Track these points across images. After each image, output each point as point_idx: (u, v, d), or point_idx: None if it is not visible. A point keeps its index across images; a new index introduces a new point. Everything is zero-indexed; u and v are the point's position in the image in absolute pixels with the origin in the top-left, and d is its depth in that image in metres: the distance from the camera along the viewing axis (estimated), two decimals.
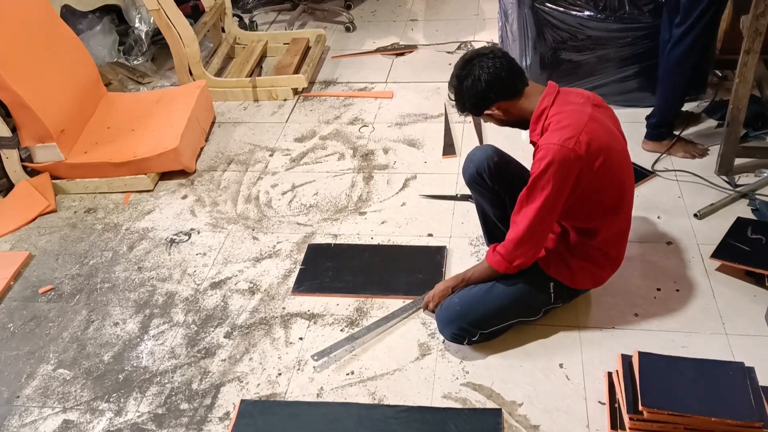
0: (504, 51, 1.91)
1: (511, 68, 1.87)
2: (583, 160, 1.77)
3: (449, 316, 2.03)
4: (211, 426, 1.94)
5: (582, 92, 1.93)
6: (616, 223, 1.94)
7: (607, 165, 1.82)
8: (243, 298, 2.35)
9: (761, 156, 2.63)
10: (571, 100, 1.87)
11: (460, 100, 1.92)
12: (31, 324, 2.35)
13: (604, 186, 1.86)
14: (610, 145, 1.83)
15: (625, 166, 1.92)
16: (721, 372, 1.76)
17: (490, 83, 1.85)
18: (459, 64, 1.91)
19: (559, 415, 1.85)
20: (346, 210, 2.71)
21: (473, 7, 4.27)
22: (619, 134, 1.94)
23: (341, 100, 3.46)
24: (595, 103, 1.89)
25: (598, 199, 1.89)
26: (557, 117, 1.82)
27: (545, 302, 2.04)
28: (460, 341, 2.04)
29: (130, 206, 2.88)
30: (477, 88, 1.86)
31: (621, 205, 1.93)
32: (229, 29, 3.98)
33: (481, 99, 1.88)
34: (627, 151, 1.95)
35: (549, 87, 1.90)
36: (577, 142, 1.75)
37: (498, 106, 1.89)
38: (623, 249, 2.04)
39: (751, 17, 2.28)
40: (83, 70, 3.21)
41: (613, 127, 1.91)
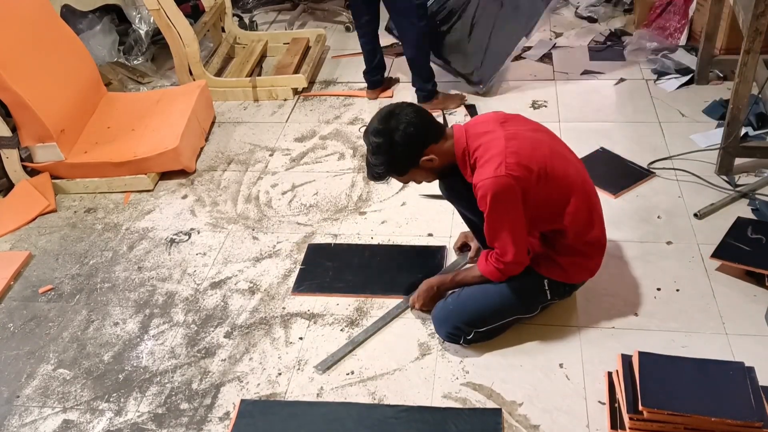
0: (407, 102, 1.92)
1: (427, 112, 1.91)
2: (520, 179, 1.80)
3: (443, 315, 2.04)
4: (211, 426, 1.94)
5: (485, 119, 1.96)
6: (579, 213, 1.93)
7: (544, 171, 1.84)
8: (243, 298, 2.35)
9: (761, 156, 2.63)
10: (481, 130, 1.90)
11: (392, 154, 1.87)
12: (31, 324, 2.35)
13: (550, 189, 1.88)
14: (536, 153, 1.85)
15: (562, 161, 1.91)
16: (721, 372, 1.76)
17: (421, 126, 1.86)
18: (378, 120, 1.87)
19: (559, 415, 1.85)
20: (346, 210, 2.71)
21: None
22: (538, 132, 1.94)
23: (341, 100, 3.46)
24: (501, 121, 1.92)
25: (552, 202, 1.91)
26: (479, 152, 1.86)
27: (542, 299, 2.04)
28: (456, 341, 2.04)
29: (130, 206, 2.88)
30: (410, 133, 1.84)
31: (571, 195, 1.91)
32: (229, 29, 3.98)
33: (417, 145, 1.87)
34: (554, 143, 1.95)
35: (456, 129, 1.93)
36: (507, 166, 1.79)
37: (431, 150, 1.88)
38: (601, 229, 2.01)
39: (751, 17, 2.28)
40: (83, 70, 3.21)
41: (529, 129, 1.93)
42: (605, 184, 2.62)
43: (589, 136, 2.94)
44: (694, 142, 2.84)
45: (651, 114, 3.06)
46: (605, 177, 2.66)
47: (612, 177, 2.67)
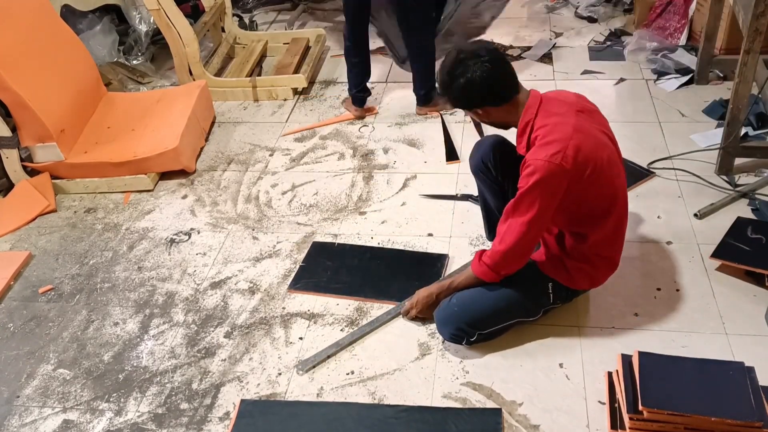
0: (500, 54, 1.88)
1: (505, 74, 1.86)
2: (571, 173, 1.77)
3: (447, 317, 2.03)
4: (211, 426, 1.94)
5: (565, 99, 1.92)
6: (607, 227, 1.93)
7: (596, 174, 1.82)
8: (243, 298, 2.35)
9: (761, 156, 2.63)
10: (555, 110, 1.86)
11: (448, 94, 1.91)
12: (31, 324, 2.35)
13: (593, 194, 1.86)
14: (596, 154, 1.82)
15: (615, 171, 1.90)
16: (721, 372, 1.76)
17: (481, 87, 1.83)
18: (452, 61, 1.86)
19: (559, 415, 1.85)
20: (346, 210, 2.71)
21: None
22: (607, 137, 1.92)
23: (341, 100, 3.45)
24: (578, 109, 1.88)
25: (588, 207, 1.89)
26: (542, 131, 1.82)
27: (544, 302, 2.04)
28: (459, 341, 2.04)
29: (130, 206, 2.88)
30: (467, 90, 1.84)
31: (612, 209, 1.91)
32: (229, 29, 3.98)
33: (469, 101, 1.88)
34: (616, 153, 1.94)
35: (532, 97, 1.89)
36: (564, 157, 1.76)
37: (484, 110, 1.89)
38: (618, 250, 2.03)
39: (751, 17, 2.28)
40: (83, 70, 3.21)
41: (599, 130, 1.89)
42: None
43: None
44: (694, 142, 2.84)
45: (651, 114, 3.06)
46: None
47: None
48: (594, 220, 1.91)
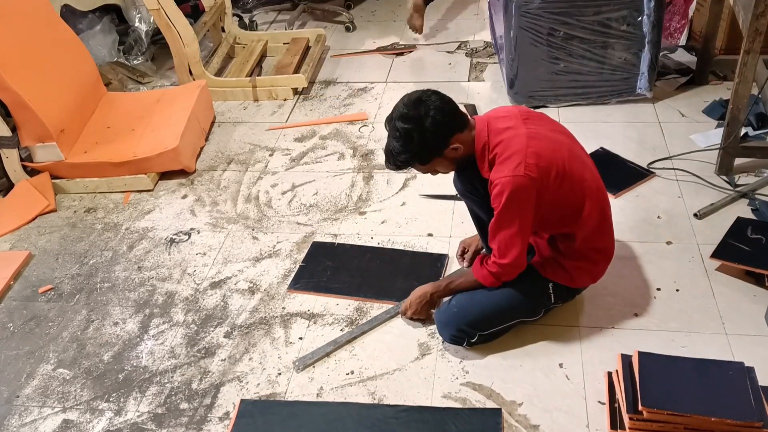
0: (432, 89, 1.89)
1: (452, 100, 1.88)
2: (537, 180, 1.79)
3: (447, 318, 2.03)
4: (210, 426, 1.94)
5: (508, 113, 1.94)
6: (590, 219, 1.93)
7: (561, 174, 1.83)
8: (243, 298, 2.35)
9: (761, 156, 2.63)
10: (503, 126, 1.87)
11: (420, 140, 1.82)
12: (30, 324, 2.35)
13: (565, 193, 1.87)
14: (556, 155, 1.84)
15: (579, 164, 1.91)
16: (721, 372, 1.76)
17: (449, 113, 1.83)
18: (407, 106, 1.83)
19: (559, 415, 1.85)
20: (346, 210, 2.71)
21: (473, 7, 4.27)
22: (560, 134, 1.94)
23: (341, 100, 3.46)
24: (524, 118, 1.90)
25: (564, 206, 1.90)
26: (499, 148, 1.84)
27: (545, 303, 2.04)
28: (460, 343, 2.04)
29: (130, 206, 2.88)
30: (441, 120, 1.81)
31: (587, 201, 1.91)
32: (229, 29, 3.98)
33: (445, 132, 1.83)
34: (575, 147, 1.94)
35: (478, 122, 1.90)
36: (527, 166, 1.78)
37: (457, 139, 1.85)
38: (610, 238, 2.02)
39: (751, 17, 2.28)
40: (83, 70, 3.21)
41: (551, 130, 1.91)
42: (606, 185, 2.61)
43: (588, 135, 2.94)
44: (694, 142, 2.84)
45: (651, 114, 3.06)
46: (606, 177, 2.65)
47: (612, 177, 2.67)
48: (575, 216, 1.92)
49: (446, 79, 3.50)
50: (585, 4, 2.87)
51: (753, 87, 2.50)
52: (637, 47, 2.96)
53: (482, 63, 3.64)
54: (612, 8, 2.87)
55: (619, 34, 2.93)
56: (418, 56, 3.80)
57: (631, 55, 2.98)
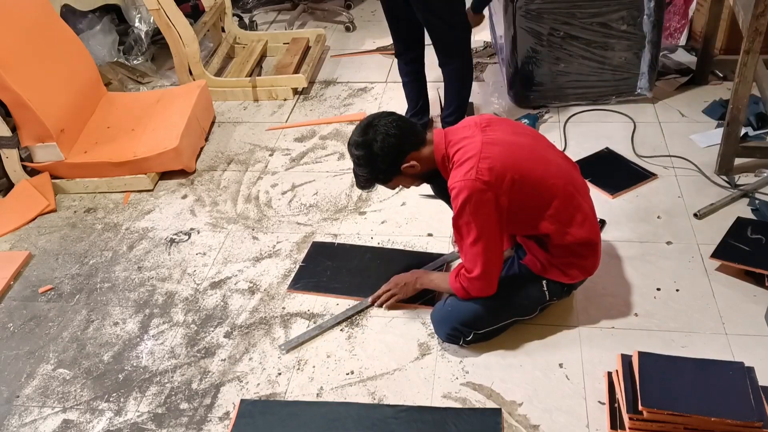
0: (389, 111, 1.96)
1: (406, 120, 1.94)
2: (491, 184, 1.81)
3: (441, 317, 2.05)
4: (210, 426, 1.94)
5: (466, 124, 1.97)
6: (559, 216, 1.92)
7: (520, 177, 1.85)
8: (243, 298, 2.35)
9: (761, 156, 2.63)
10: (461, 135, 1.92)
11: (373, 164, 1.91)
12: (30, 324, 2.35)
13: (527, 194, 1.88)
14: (513, 158, 1.86)
15: (541, 165, 1.91)
16: (721, 372, 1.76)
17: (399, 135, 1.89)
18: (358, 133, 1.91)
19: (559, 415, 1.85)
20: (346, 210, 2.71)
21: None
22: (521, 136, 1.95)
23: (341, 100, 3.46)
24: (483, 125, 1.92)
25: (529, 208, 1.91)
26: (456, 156, 1.88)
27: (540, 300, 2.05)
28: (456, 341, 2.05)
29: (129, 206, 2.88)
30: (389, 143, 1.88)
31: (552, 199, 1.91)
32: (229, 29, 3.98)
33: (397, 154, 1.90)
34: (536, 146, 1.95)
35: (436, 134, 1.95)
36: (479, 171, 1.80)
37: (411, 157, 1.91)
38: (589, 231, 1.98)
39: (751, 17, 2.28)
40: (83, 70, 3.21)
41: (511, 134, 1.93)
42: (605, 184, 2.63)
43: (589, 135, 2.94)
44: (694, 142, 2.85)
45: (651, 114, 3.06)
46: (607, 177, 2.67)
47: (614, 177, 2.67)
48: (540, 217, 1.93)
49: None
50: (585, 4, 2.87)
51: (753, 87, 2.50)
52: (637, 47, 2.96)
53: (482, 63, 3.63)
54: (612, 8, 2.87)
55: (619, 34, 2.93)
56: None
57: (631, 55, 2.98)
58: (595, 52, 2.98)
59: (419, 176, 1.99)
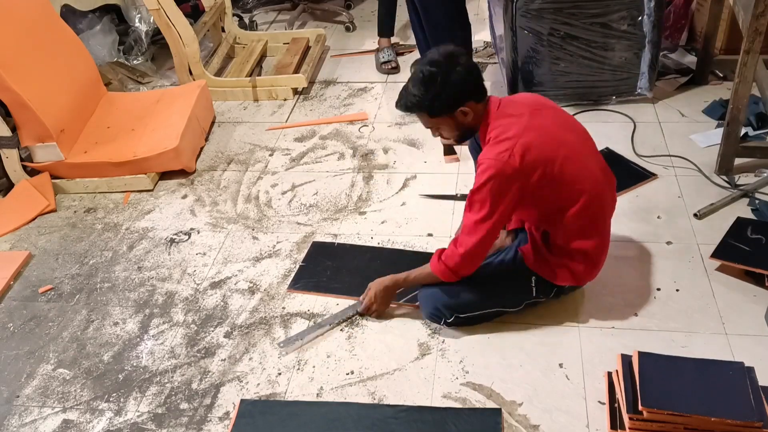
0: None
1: (480, 71, 1.91)
2: (519, 172, 1.80)
3: (426, 294, 2.08)
4: (210, 426, 1.94)
5: (523, 100, 1.95)
6: (579, 219, 1.92)
7: (552, 171, 1.83)
8: (243, 298, 2.35)
9: (761, 156, 2.63)
10: (510, 111, 1.89)
11: (439, 89, 1.84)
12: (30, 324, 2.35)
13: (555, 190, 1.87)
14: (550, 151, 1.84)
15: (575, 166, 1.88)
16: (721, 372, 1.76)
17: (474, 78, 1.86)
18: (439, 54, 1.86)
19: (559, 415, 1.85)
20: (346, 210, 2.71)
21: (473, 7, 4.26)
22: (568, 131, 1.92)
23: (341, 100, 3.46)
24: (535, 108, 1.90)
25: (553, 203, 1.91)
26: (495, 132, 1.86)
27: (526, 295, 2.05)
28: (437, 321, 2.08)
29: (129, 206, 2.88)
30: (465, 80, 1.84)
31: (578, 201, 1.90)
32: (229, 29, 3.98)
33: (464, 92, 1.86)
34: (581, 146, 1.93)
35: (491, 103, 1.92)
36: (511, 155, 1.79)
37: (470, 105, 1.88)
38: (598, 245, 1.99)
39: (751, 17, 2.28)
40: (83, 70, 3.21)
41: (559, 126, 1.90)
42: None
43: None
44: (694, 142, 2.85)
45: (651, 114, 3.06)
46: None
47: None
48: (557, 216, 1.92)
49: None
50: (585, 4, 2.87)
51: (753, 87, 2.50)
52: (637, 47, 2.96)
53: (482, 63, 3.63)
54: (612, 8, 2.87)
55: (619, 34, 2.93)
56: (418, 56, 3.80)
57: (631, 55, 2.98)
58: (595, 52, 2.98)
59: (462, 128, 1.93)
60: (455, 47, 1.90)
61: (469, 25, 2.78)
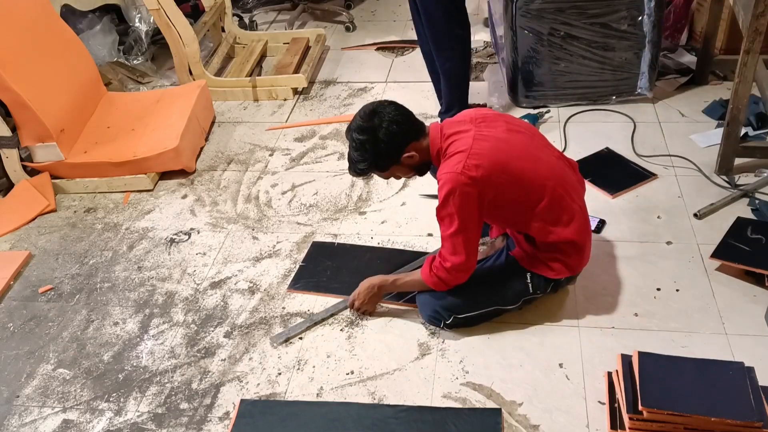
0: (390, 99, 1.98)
1: (408, 110, 1.96)
2: (477, 179, 1.84)
3: (424, 298, 2.09)
4: (210, 426, 1.94)
5: (464, 116, 1.99)
6: (546, 215, 1.95)
7: (507, 176, 1.88)
8: (243, 298, 2.35)
9: (761, 156, 2.63)
10: (455, 129, 1.93)
11: (375, 151, 1.91)
12: (30, 324, 2.35)
13: (514, 192, 1.91)
14: (501, 155, 1.88)
15: (530, 160, 1.92)
16: (721, 372, 1.76)
17: (403, 124, 1.91)
18: (362, 118, 1.93)
19: (559, 415, 1.85)
20: (346, 210, 2.71)
21: (473, 7, 4.25)
22: (515, 132, 1.96)
23: (341, 100, 3.46)
24: (478, 120, 1.95)
25: (515, 205, 1.94)
26: (449, 149, 1.91)
27: (523, 292, 2.07)
28: (437, 324, 2.09)
29: (129, 206, 2.88)
30: (393, 131, 1.89)
31: (541, 198, 1.93)
32: (229, 29, 3.98)
33: (399, 142, 1.91)
34: (527, 141, 1.96)
35: (432, 129, 1.96)
36: (466, 166, 1.83)
37: (412, 147, 1.93)
38: (574, 231, 1.99)
39: (751, 17, 2.28)
40: (83, 70, 3.21)
41: (506, 131, 1.94)
42: (605, 184, 2.63)
43: (589, 135, 2.94)
44: (694, 142, 2.85)
45: (651, 114, 3.06)
46: (607, 177, 2.67)
47: (614, 177, 2.67)
48: (527, 214, 1.96)
49: None
50: (585, 5, 2.87)
51: (753, 87, 2.50)
52: (637, 47, 2.96)
53: (482, 63, 3.63)
54: (612, 8, 2.87)
55: (619, 34, 2.93)
56: (418, 56, 3.78)
57: (631, 55, 2.98)
58: (595, 52, 2.98)
59: (415, 167, 2.00)
60: (376, 104, 1.95)
61: (468, 23, 2.78)
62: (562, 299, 2.18)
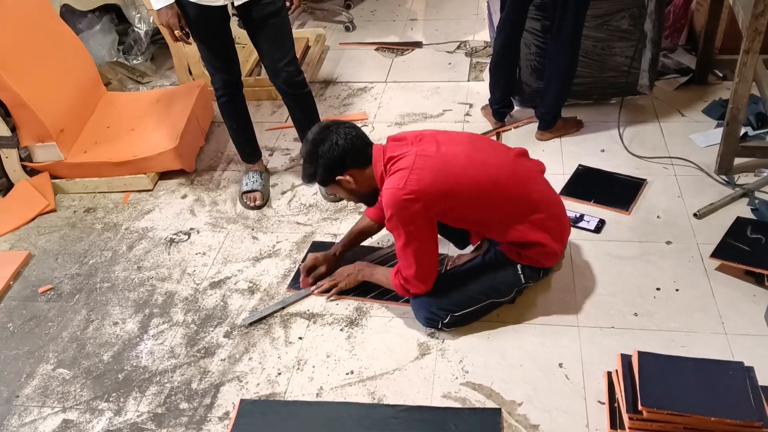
0: (354, 124, 2.01)
1: (364, 138, 1.99)
2: (421, 194, 1.86)
3: (419, 302, 2.10)
4: (210, 425, 1.94)
5: (404, 136, 2.01)
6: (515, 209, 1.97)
7: (451, 188, 1.90)
8: (243, 298, 2.35)
9: (761, 155, 2.63)
10: (398, 150, 1.96)
11: (313, 165, 1.97)
12: (30, 324, 2.35)
13: (463, 205, 1.94)
14: (443, 169, 1.90)
15: (475, 167, 1.93)
16: (720, 372, 1.76)
17: (346, 148, 1.94)
18: (315, 130, 1.98)
19: (559, 415, 1.85)
20: (345, 210, 2.71)
21: (473, 7, 4.27)
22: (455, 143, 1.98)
23: (341, 100, 3.46)
24: (418, 138, 1.98)
25: (470, 216, 1.99)
26: (391, 169, 1.94)
27: (515, 283, 2.09)
28: (434, 325, 2.10)
29: (129, 206, 2.88)
30: (333, 151, 1.93)
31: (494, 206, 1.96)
32: None
33: (336, 164, 1.95)
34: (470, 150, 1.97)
35: (375, 152, 1.99)
36: (407, 182, 1.87)
37: (351, 173, 1.97)
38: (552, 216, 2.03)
39: (750, 17, 2.28)
40: (83, 70, 3.21)
41: (446, 143, 1.96)
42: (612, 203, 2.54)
43: (588, 135, 2.94)
44: (694, 142, 2.84)
45: (651, 114, 3.06)
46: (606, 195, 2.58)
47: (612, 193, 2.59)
48: (485, 219, 2.00)
49: (446, 79, 3.50)
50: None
51: (753, 87, 2.50)
52: (637, 47, 2.95)
53: (482, 63, 3.63)
54: (613, 8, 2.86)
55: (619, 33, 2.93)
56: (418, 56, 3.80)
57: (631, 54, 2.98)
58: (596, 51, 2.98)
59: (357, 193, 2.05)
60: (334, 123, 1.99)
61: None
62: (562, 299, 2.18)
